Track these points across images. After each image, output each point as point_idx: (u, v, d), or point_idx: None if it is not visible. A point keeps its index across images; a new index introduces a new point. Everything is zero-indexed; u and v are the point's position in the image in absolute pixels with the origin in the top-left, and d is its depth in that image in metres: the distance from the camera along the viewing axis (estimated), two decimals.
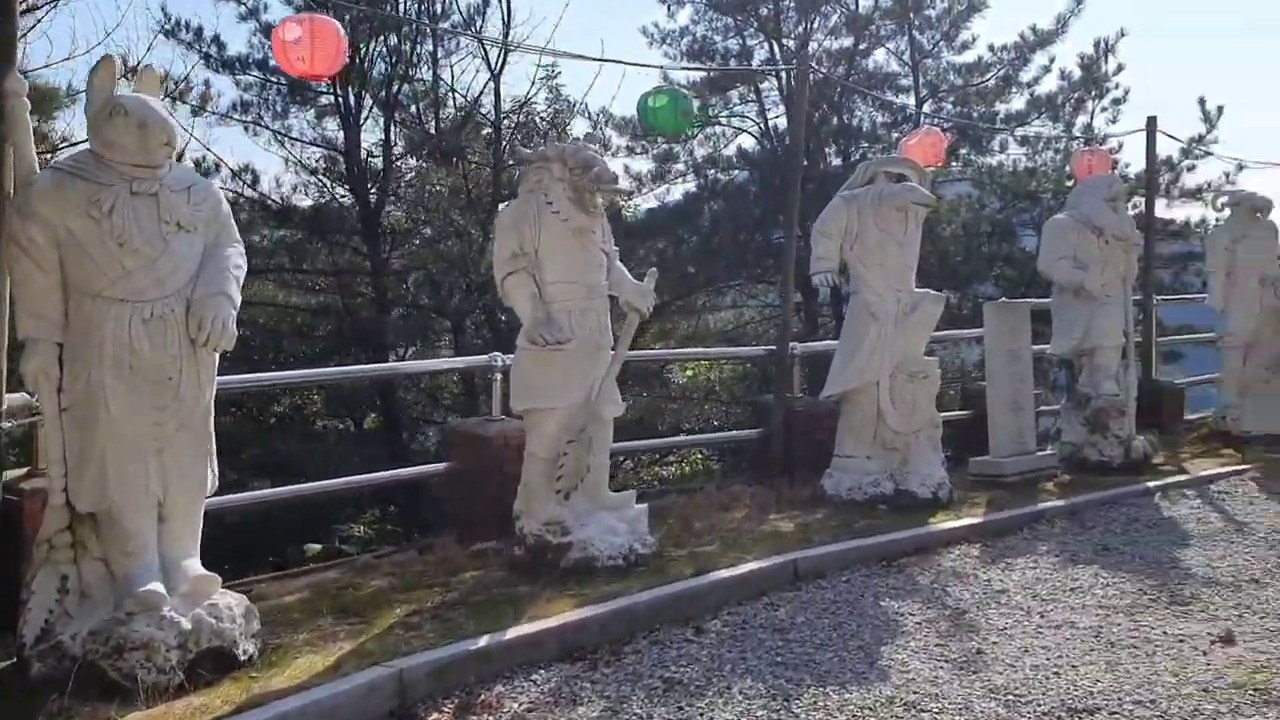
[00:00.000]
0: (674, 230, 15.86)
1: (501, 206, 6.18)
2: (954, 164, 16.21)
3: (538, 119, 18.52)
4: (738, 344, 16.53)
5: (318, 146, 15.39)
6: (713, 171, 16.57)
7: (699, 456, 16.89)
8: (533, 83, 16.56)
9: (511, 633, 4.69)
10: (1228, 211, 10.84)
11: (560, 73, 17.99)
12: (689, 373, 19.14)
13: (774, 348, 8.59)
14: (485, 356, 6.79)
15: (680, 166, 16.72)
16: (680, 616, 5.15)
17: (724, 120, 17.20)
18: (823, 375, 7.83)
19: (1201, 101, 16.92)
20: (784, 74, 14.93)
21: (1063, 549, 6.39)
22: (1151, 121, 11.54)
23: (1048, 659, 4.54)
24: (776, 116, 16.80)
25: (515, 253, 5.69)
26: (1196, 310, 12.58)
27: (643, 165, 17.09)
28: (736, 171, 16.84)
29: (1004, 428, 8.23)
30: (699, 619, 5.15)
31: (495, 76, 14.69)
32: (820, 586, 5.68)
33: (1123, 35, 17.06)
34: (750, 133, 17.25)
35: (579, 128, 17.16)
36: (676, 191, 16.88)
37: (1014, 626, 4.98)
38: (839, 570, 5.92)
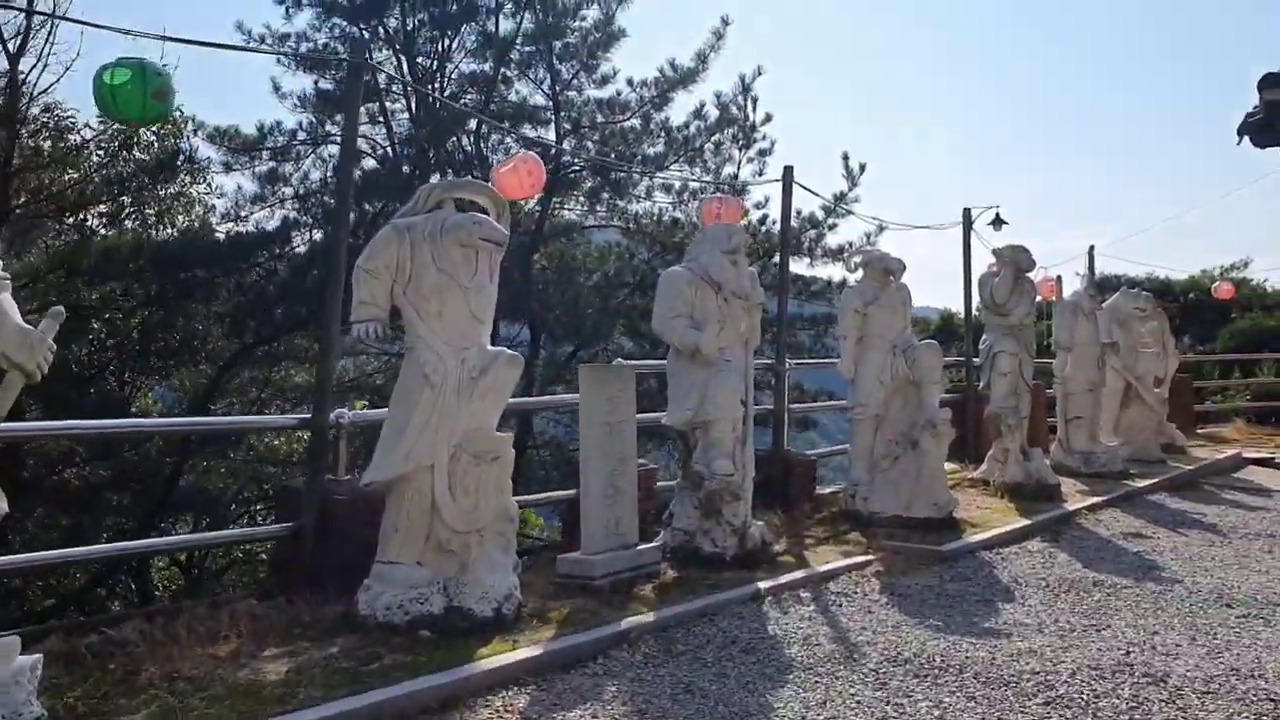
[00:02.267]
0: (260, 261, 13.55)
1: None
2: (599, 209, 15.06)
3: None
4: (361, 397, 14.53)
5: None
6: (321, 196, 14.43)
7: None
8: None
9: None
10: (860, 272, 10.12)
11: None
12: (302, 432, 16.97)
13: (308, 416, 6.68)
14: None
15: (290, 190, 14.52)
16: None
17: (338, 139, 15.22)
18: None
19: (845, 157, 16.72)
20: (413, 94, 13.23)
21: (635, 693, 4.91)
22: (788, 172, 10.79)
23: None
24: (403, 139, 14.94)
25: None
26: (835, 376, 11.91)
27: (246, 184, 14.84)
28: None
29: (598, 518, 6.79)
30: None
31: (13, 58, 11.86)
32: None
33: (760, 73, 16.54)
34: (373, 156, 15.29)
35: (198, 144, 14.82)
36: (279, 218, 14.63)
37: None
38: None
